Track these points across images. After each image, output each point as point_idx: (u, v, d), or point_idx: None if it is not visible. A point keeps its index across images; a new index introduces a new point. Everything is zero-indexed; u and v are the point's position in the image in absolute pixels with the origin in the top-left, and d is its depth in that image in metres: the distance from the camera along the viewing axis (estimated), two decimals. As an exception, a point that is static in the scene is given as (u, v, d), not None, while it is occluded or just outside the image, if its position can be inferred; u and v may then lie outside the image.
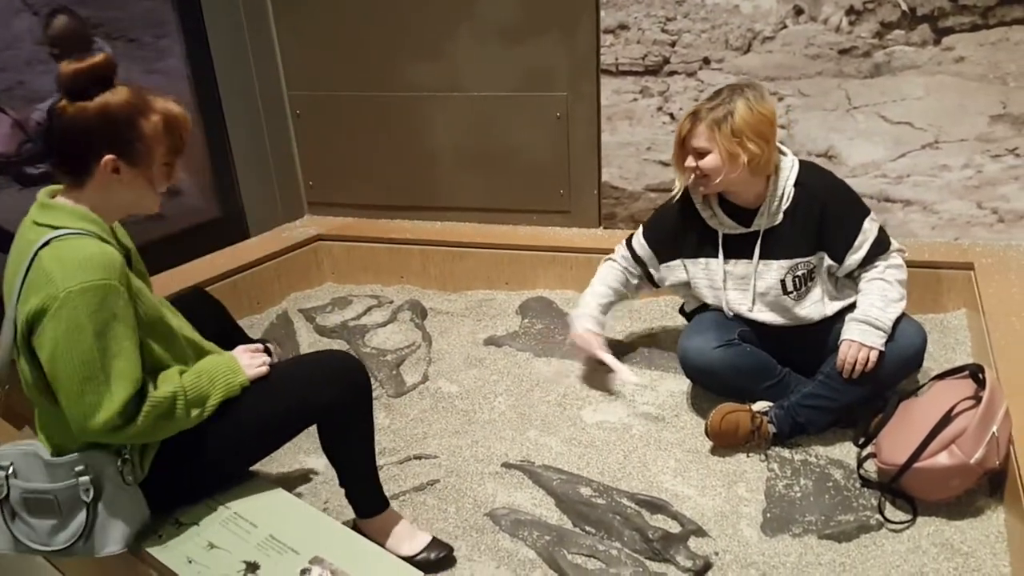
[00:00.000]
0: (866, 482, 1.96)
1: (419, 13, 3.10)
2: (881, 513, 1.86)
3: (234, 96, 3.29)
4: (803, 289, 2.15)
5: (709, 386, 2.28)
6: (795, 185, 2.10)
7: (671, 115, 2.94)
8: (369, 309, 3.06)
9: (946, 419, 1.80)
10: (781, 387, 2.19)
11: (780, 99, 2.80)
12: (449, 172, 3.33)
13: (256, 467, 2.12)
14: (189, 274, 2.94)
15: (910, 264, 2.16)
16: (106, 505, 1.53)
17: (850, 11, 2.65)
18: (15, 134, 2.81)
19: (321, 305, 3.12)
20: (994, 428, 1.76)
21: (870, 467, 2.00)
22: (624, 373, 2.29)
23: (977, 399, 1.81)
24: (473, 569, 1.80)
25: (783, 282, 2.14)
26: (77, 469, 1.50)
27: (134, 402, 1.46)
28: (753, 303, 2.19)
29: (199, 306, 1.97)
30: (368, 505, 1.82)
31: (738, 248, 2.17)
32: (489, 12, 3.03)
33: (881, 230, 2.12)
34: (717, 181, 2.05)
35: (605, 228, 3.19)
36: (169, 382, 1.54)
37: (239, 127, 3.33)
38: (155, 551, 1.59)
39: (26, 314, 1.43)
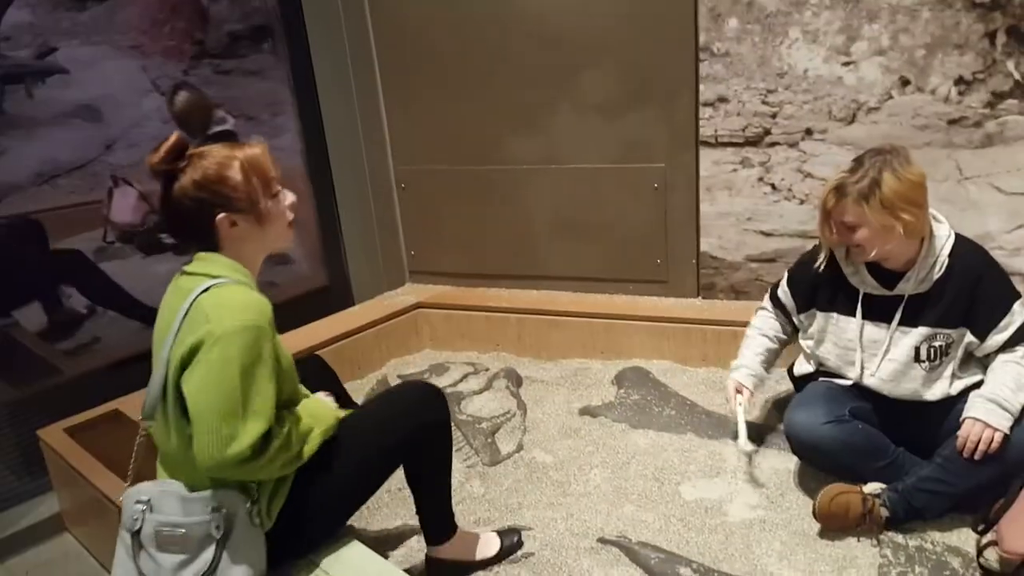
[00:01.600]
0: (986, 572, 1.83)
1: (520, 89, 3.20)
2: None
3: (343, 170, 3.45)
4: (937, 362, 2.05)
5: (817, 464, 2.19)
6: (949, 255, 2.02)
7: (772, 185, 2.91)
8: (465, 376, 3.10)
9: None
10: (894, 468, 2.08)
11: (886, 169, 2.73)
12: (547, 242, 3.38)
13: (352, 526, 2.16)
14: (297, 339, 3.05)
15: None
16: (233, 545, 1.58)
17: (959, 81, 2.58)
18: (140, 206, 3.02)
19: (419, 371, 3.17)
20: None
21: (991, 556, 1.86)
22: (741, 439, 2.22)
23: None
24: (568, 647, 1.76)
25: (918, 350, 2.05)
26: (212, 506, 1.56)
27: (265, 438, 1.54)
28: (877, 369, 2.10)
29: (317, 371, 2.10)
30: (443, 529, 1.95)
31: (877, 310, 2.10)
32: (589, 87, 3.10)
33: None
34: (872, 253, 2.00)
35: (704, 298, 3.15)
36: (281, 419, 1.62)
37: (347, 199, 3.48)
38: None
39: (182, 352, 1.53)
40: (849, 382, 2.16)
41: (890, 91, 2.68)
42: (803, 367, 2.33)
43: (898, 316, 2.06)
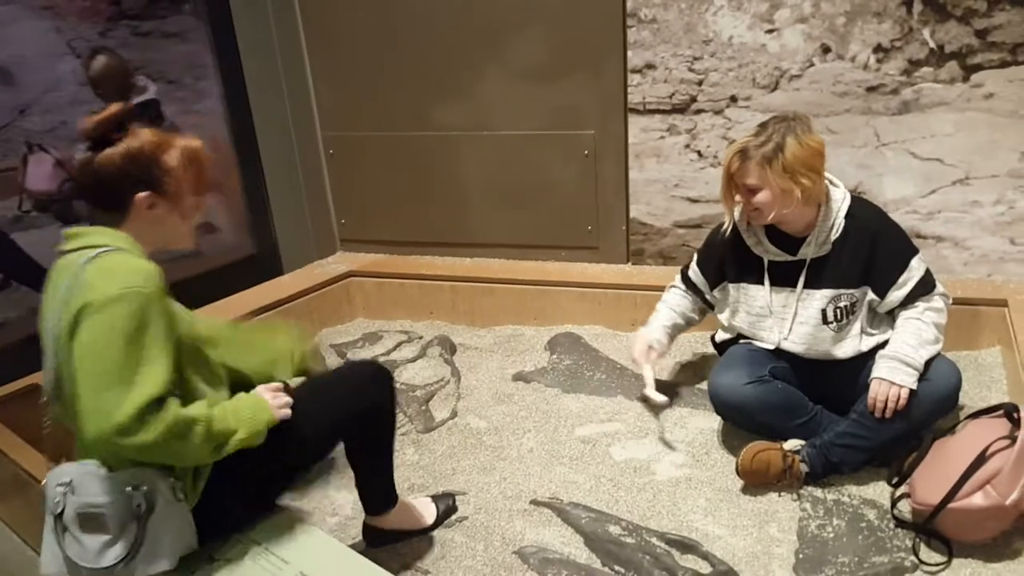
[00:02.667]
0: (900, 523, 1.93)
1: (449, 55, 3.17)
2: (916, 554, 1.83)
3: (269, 136, 3.37)
4: (844, 321, 2.14)
5: (740, 423, 2.26)
6: (846, 216, 2.09)
7: (698, 152, 2.96)
8: (399, 344, 3.09)
9: (980, 459, 1.77)
10: (813, 425, 2.17)
11: (808, 136, 2.81)
12: (478, 209, 3.37)
13: (286, 503, 2.15)
14: (224, 310, 2.99)
15: (942, 301, 2.14)
16: (157, 521, 1.54)
17: (877, 49, 2.66)
18: (57, 173, 2.91)
19: (352, 340, 3.15)
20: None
21: (904, 507, 1.97)
22: (650, 390, 2.33)
23: (1012, 439, 1.78)
24: (501, 608, 1.79)
25: (824, 312, 2.13)
26: (131, 484, 1.52)
27: (151, 410, 1.44)
28: (789, 332, 2.19)
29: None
30: (385, 502, 1.95)
31: (782, 276, 2.17)
32: (517, 53, 3.08)
33: (928, 272, 2.10)
34: (771, 215, 2.06)
35: (633, 264, 3.20)
36: (196, 408, 1.54)
37: (274, 166, 3.41)
38: (188, 586, 1.61)
39: (67, 323, 1.47)
40: (769, 346, 2.24)
41: (811, 58, 2.74)
42: (723, 335, 2.41)
43: (801, 280, 2.14)
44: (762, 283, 2.20)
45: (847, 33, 2.68)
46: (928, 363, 2.02)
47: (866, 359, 2.14)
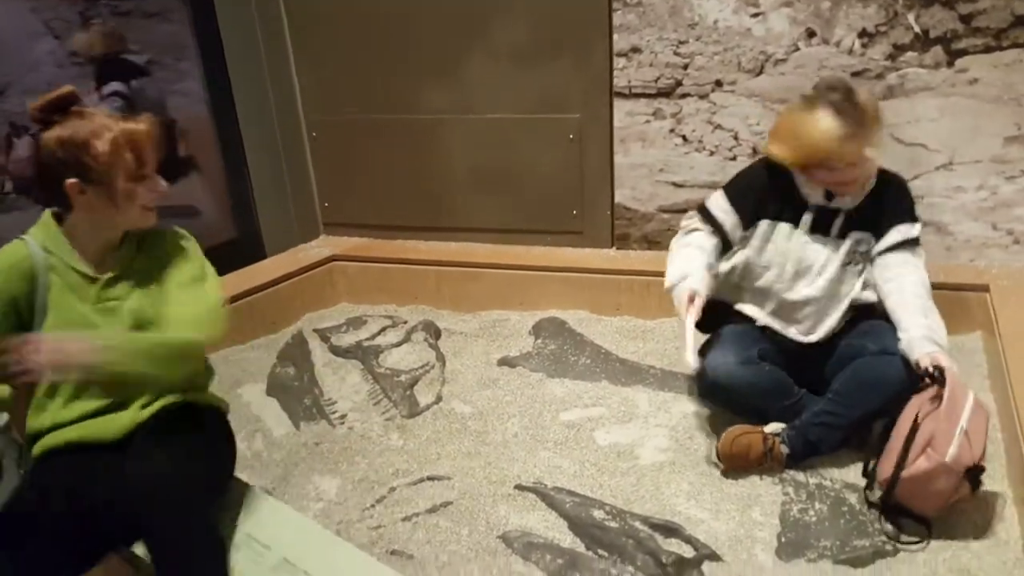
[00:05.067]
0: (870, 504, 1.95)
1: (433, 37, 3.14)
2: (888, 535, 1.85)
3: (251, 118, 3.34)
4: (860, 266, 2.17)
5: (726, 403, 2.27)
6: (879, 171, 2.13)
7: (684, 137, 2.95)
8: (383, 329, 3.08)
9: (915, 427, 1.81)
10: (798, 408, 2.18)
11: (793, 121, 2.80)
12: (463, 193, 3.35)
13: (269, 488, 2.14)
14: (205, 294, 2.97)
15: (925, 286, 2.15)
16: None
17: (863, 34, 2.66)
18: (37, 156, 2.86)
19: (336, 325, 3.14)
20: (962, 423, 1.77)
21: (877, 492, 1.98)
22: (691, 354, 2.06)
23: (940, 398, 1.82)
24: (486, 592, 1.80)
25: (846, 255, 2.15)
26: None
27: None
28: (817, 277, 2.17)
29: None
30: None
31: (818, 221, 2.15)
32: (502, 35, 3.06)
33: (919, 243, 2.15)
34: (860, 181, 2.08)
35: (618, 249, 3.20)
36: None
37: (256, 149, 3.37)
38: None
39: None
40: (759, 319, 2.23)
41: (797, 43, 2.73)
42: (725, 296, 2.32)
43: (837, 225, 2.14)
44: (797, 224, 2.16)
45: (832, 17, 2.67)
46: (895, 338, 2.04)
47: (839, 340, 2.17)
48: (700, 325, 2.34)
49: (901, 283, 2.09)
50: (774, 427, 2.14)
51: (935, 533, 1.84)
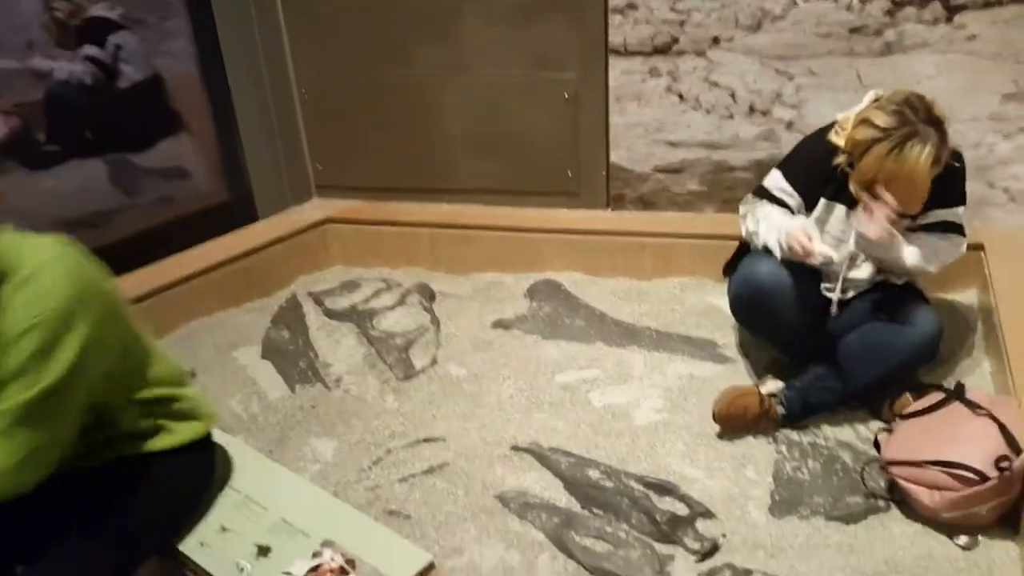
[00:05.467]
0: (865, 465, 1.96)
1: (426, -6, 3.09)
2: (876, 492, 1.86)
3: (241, 78, 3.28)
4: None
5: (760, 316, 2.20)
6: None
7: (680, 95, 2.92)
8: (378, 292, 3.07)
9: (950, 465, 1.74)
10: (811, 342, 2.17)
11: (790, 78, 2.77)
12: (457, 154, 3.32)
13: (266, 451, 2.15)
14: (198, 258, 2.95)
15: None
16: None
17: (861, -11, 2.62)
18: (9, 120, 2.82)
19: (330, 288, 3.12)
20: (983, 508, 1.73)
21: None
22: (825, 250, 2.01)
23: (983, 477, 1.70)
24: (482, 551, 1.81)
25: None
26: None
27: None
28: (862, 261, 2.15)
29: None
30: None
31: None
32: (496, -8, 3.01)
33: (962, 227, 2.10)
34: None
35: (613, 209, 3.18)
36: None
37: (246, 110, 3.32)
38: (168, 535, 1.61)
39: None
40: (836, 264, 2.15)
41: (795, -1, 2.69)
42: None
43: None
44: (852, 207, 2.09)
45: (831, -28, 2.63)
46: (909, 309, 2.03)
47: (865, 301, 2.14)
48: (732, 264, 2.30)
49: (937, 239, 2.07)
50: (769, 388, 2.15)
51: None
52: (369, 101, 3.33)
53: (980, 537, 1.74)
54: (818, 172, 2.12)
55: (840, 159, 2.04)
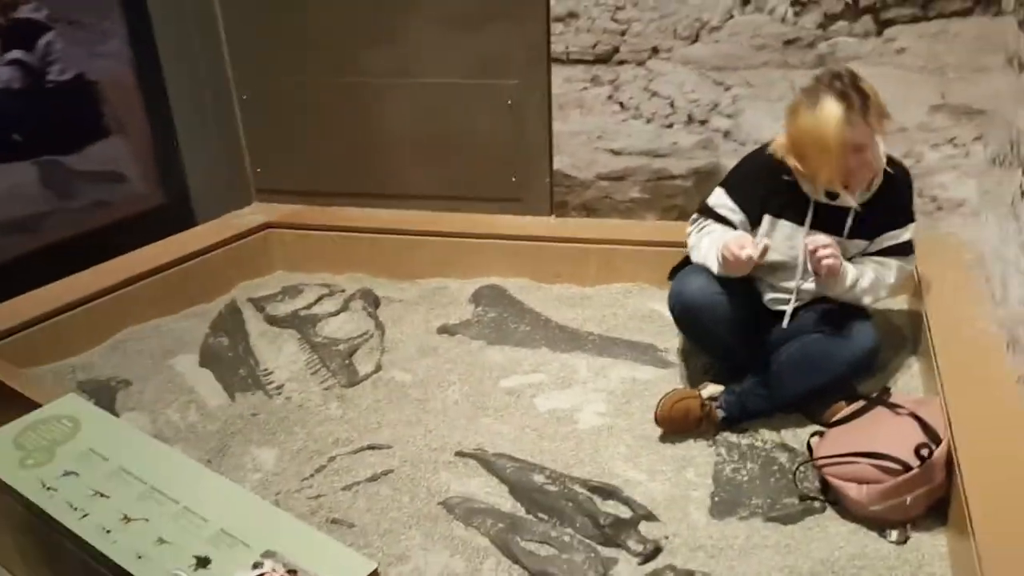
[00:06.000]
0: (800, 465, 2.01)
1: (369, -2, 3.07)
2: (810, 495, 1.92)
3: (179, 80, 3.22)
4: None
5: (697, 329, 2.25)
6: (885, 169, 2.10)
7: (621, 104, 2.96)
8: (320, 298, 3.04)
9: (876, 456, 1.82)
10: (747, 356, 2.22)
11: (727, 89, 2.83)
12: (401, 159, 3.31)
13: (205, 461, 2.11)
14: (134, 263, 2.87)
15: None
16: None
17: (795, 2, 2.69)
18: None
19: (271, 294, 3.08)
20: (908, 497, 1.79)
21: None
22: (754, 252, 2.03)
23: (906, 466, 1.79)
24: (427, 558, 1.81)
25: (853, 260, 2.15)
26: None
27: None
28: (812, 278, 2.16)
29: None
30: None
31: (823, 220, 2.11)
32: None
33: (912, 244, 2.16)
34: (874, 168, 2.05)
35: (557, 216, 3.21)
36: None
37: (184, 112, 3.26)
38: (103, 548, 1.57)
39: None
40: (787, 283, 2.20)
41: (731, 10, 2.75)
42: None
43: (848, 226, 2.11)
44: (801, 223, 2.13)
45: (767, -14, 2.70)
46: (849, 323, 2.10)
47: (807, 311, 2.18)
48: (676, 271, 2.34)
49: (886, 266, 2.13)
50: (710, 391, 2.20)
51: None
52: (311, 104, 3.30)
53: (911, 532, 1.80)
54: (760, 187, 2.17)
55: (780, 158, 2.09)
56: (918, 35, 2.63)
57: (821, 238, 2.02)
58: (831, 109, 1.93)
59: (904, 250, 2.16)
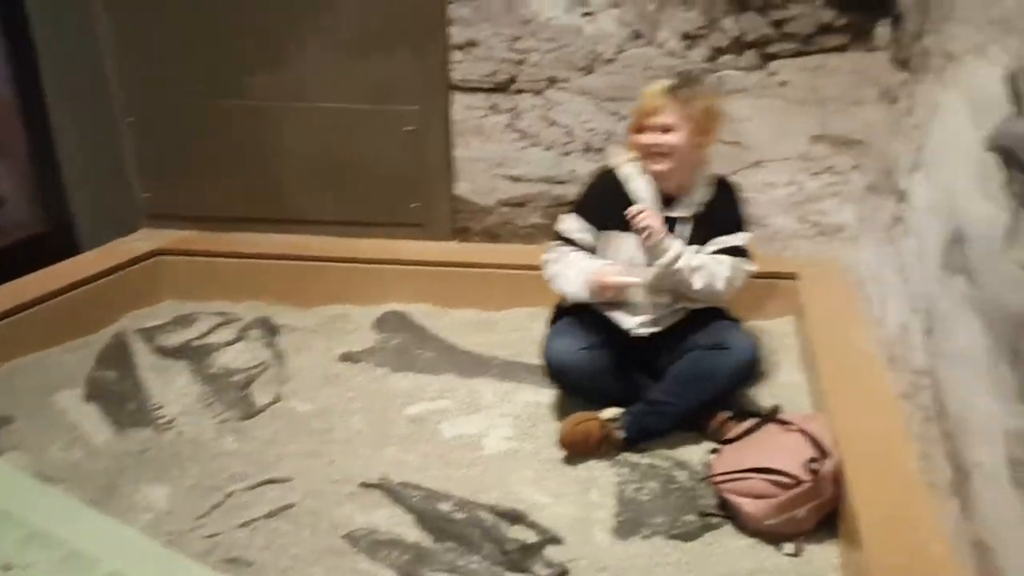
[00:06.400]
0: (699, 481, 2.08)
1: (265, 18, 3.01)
2: (710, 511, 1.98)
3: (61, 101, 3.07)
4: None
5: (569, 387, 2.34)
6: (715, 182, 2.26)
7: (521, 132, 3.01)
8: (215, 327, 2.93)
9: (770, 472, 1.89)
10: (635, 390, 2.29)
11: (622, 118, 2.92)
12: (299, 184, 3.25)
13: (92, 501, 2.00)
14: (14, 293, 2.71)
15: (741, 276, 2.31)
16: None
17: (685, 36, 2.81)
18: None
19: (161, 324, 2.96)
20: (801, 511, 1.86)
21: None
22: (631, 280, 2.19)
23: (797, 481, 1.86)
24: (331, 594, 1.76)
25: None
26: None
27: None
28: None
29: None
30: None
31: None
32: (339, 21, 2.98)
33: (746, 249, 2.27)
34: (676, 159, 2.15)
35: (460, 242, 3.22)
36: None
37: (67, 135, 3.11)
38: (-22, 601, 1.46)
39: None
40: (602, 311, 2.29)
41: (624, 43, 2.85)
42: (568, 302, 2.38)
43: (683, 235, 2.24)
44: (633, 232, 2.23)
45: (657, 20, 2.81)
46: (727, 336, 2.20)
47: (682, 334, 2.27)
48: (556, 316, 2.41)
49: (719, 260, 2.23)
50: (610, 413, 2.24)
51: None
52: (203, 128, 3.21)
53: (804, 545, 1.88)
54: (604, 204, 2.29)
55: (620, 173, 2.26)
56: (799, 69, 2.79)
57: (639, 206, 2.16)
58: (656, 82, 2.19)
59: (736, 252, 2.27)
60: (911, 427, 1.93)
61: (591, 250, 2.32)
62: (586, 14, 2.83)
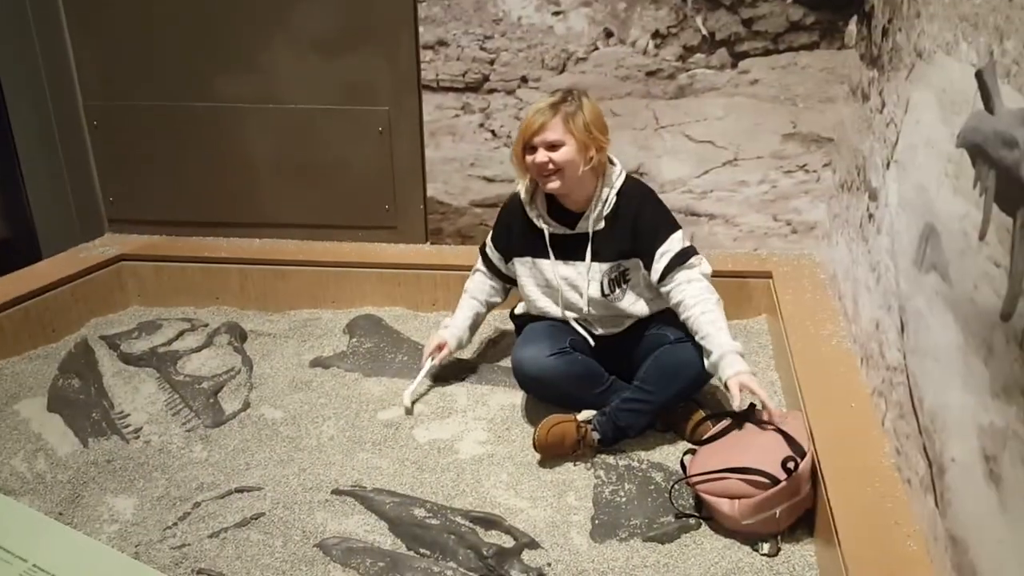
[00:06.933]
0: (675, 483, 2.06)
1: (231, 18, 2.96)
2: (687, 512, 1.97)
3: (22, 105, 3.00)
4: (617, 292, 2.27)
5: (542, 394, 2.33)
6: (618, 193, 2.22)
7: (493, 132, 2.98)
8: (181, 333, 2.88)
9: (746, 471, 1.88)
10: (608, 394, 2.27)
11: (595, 117, 2.91)
12: (268, 187, 3.20)
13: (55, 513, 1.94)
14: (-30, 302, 2.64)
15: (716, 274, 2.30)
16: None
17: (656, 35, 2.80)
18: None
19: (126, 331, 2.89)
20: (778, 510, 1.84)
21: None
22: (411, 388, 2.44)
23: (775, 480, 1.84)
24: (303, 604, 1.72)
25: (602, 284, 2.26)
26: None
27: None
28: (588, 304, 2.28)
29: None
30: None
31: (566, 250, 2.27)
32: (304, 23, 2.94)
33: (688, 248, 2.22)
34: (567, 175, 2.13)
35: (432, 244, 3.18)
36: None
37: (28, 140, 3.04)
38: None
39: None
40: (556, 313, 2.33)
41: (596, 42, 2.83)
42: (521, 308, 2.48)
43: (589, 253, 2.25)
44: (547, 256, 2.28)
45: (628, 19, 2.79)
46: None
47: (645, 328, 2.29)
48: (518, 322, 2.43)
49: (685, 301, 2.17)
50: (586, 415, 2.22)
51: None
52: (169, 132, 3.15)
53: (781, 544, 1.87)
54: (511, 232, 2.36)
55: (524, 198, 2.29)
56: (770, 67, 2.79)
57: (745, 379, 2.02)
58: (537, 100, 2.18)
59: (683, 258, 2.21)
60: (886, 424, 1.93)
61: (502, 273, 2.47)
62: (556, 13, 2.81)
